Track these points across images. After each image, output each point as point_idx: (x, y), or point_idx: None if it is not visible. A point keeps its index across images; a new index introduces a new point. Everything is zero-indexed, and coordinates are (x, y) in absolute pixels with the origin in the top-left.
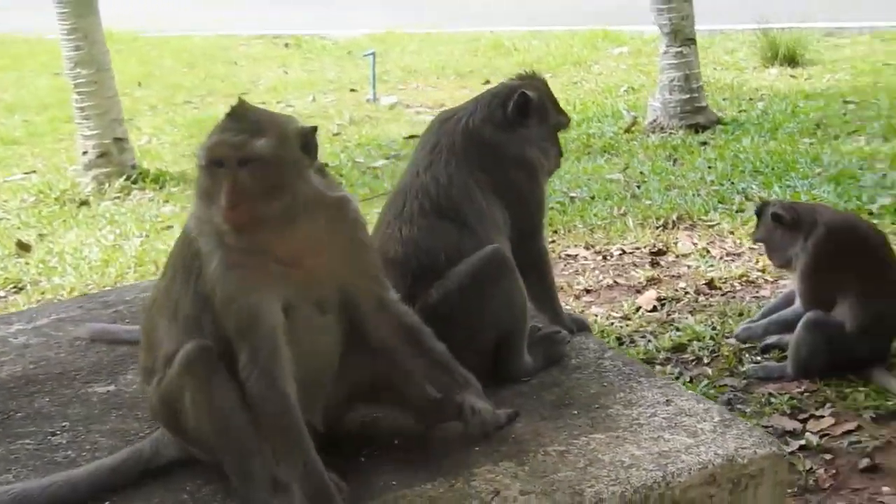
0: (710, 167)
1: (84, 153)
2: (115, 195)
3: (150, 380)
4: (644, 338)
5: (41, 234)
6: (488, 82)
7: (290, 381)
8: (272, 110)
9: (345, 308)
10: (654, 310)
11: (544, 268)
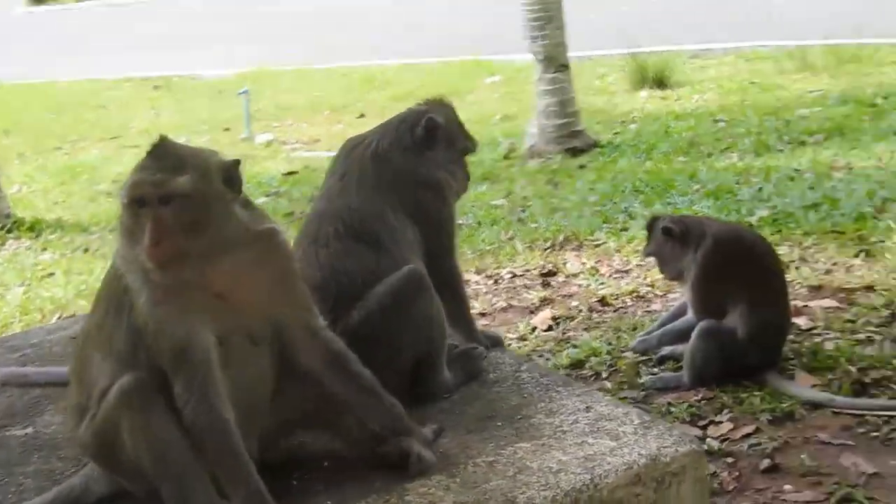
0: (591, 189)
1: None
2: None
3: (83, 416)
4: (542, 356)
5: None
6: (363, 116)
7: (227, 407)
8: (192, 146)
9: (276, 337)
10: (550, 329)
11: (457, 287)
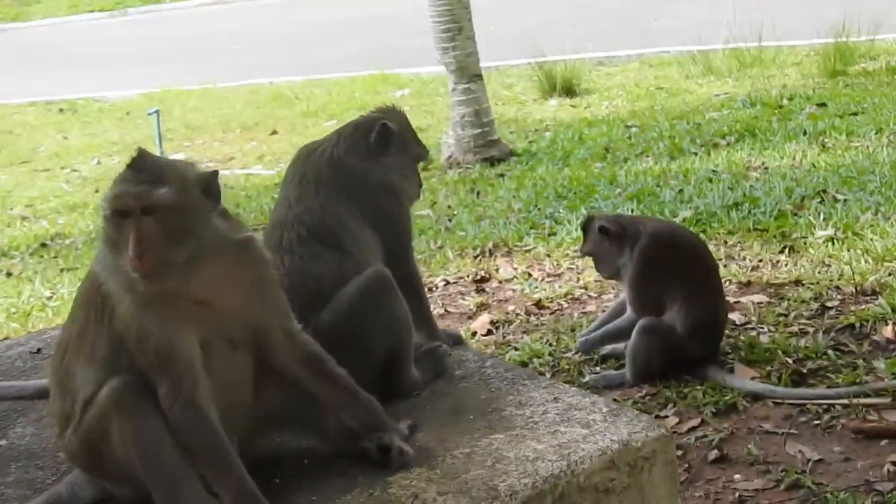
0: (514, 196)
1: None
2: None
3: (67, 424)
4: None
5: None
6: (275, 133)
7: (212, 407)
8: (171, 159)
9: (254, 341)
10: (490, 333)
11: (417, 287)
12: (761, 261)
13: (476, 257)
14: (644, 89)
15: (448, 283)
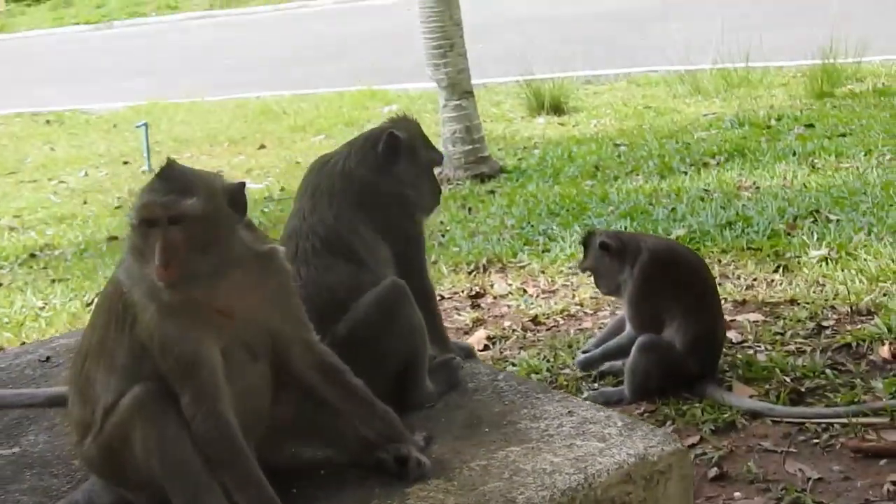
0: (506, 213)
1: None
2: None
3: (87, 432)
4: None
5: None
6: (263, 147)
7: (233, 416)
8: (199, 168)
9: (273, 351)
10: (486, 348)
11: (430, 301)
12: (756, 279)
13: (470, 273)
14: (632, 108)
15: (443, 298)
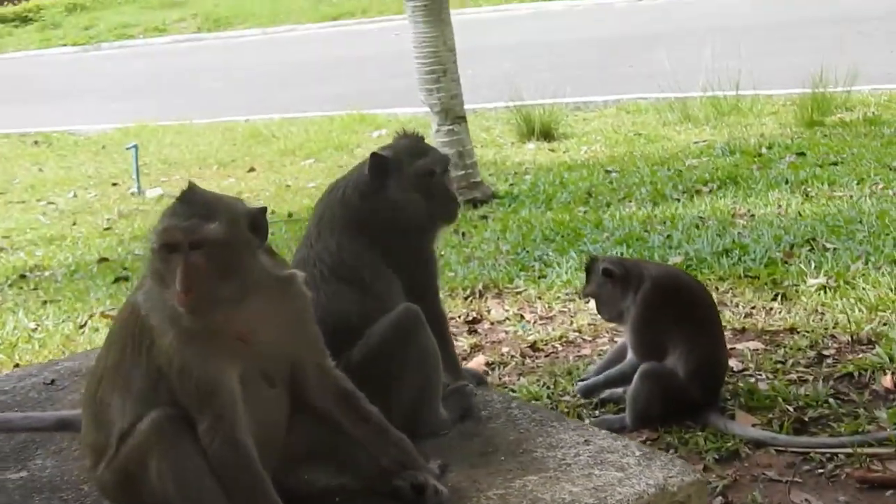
0: (500, 238)
1: None
2: None
3: (100, 458)
4: None
5: None
6: (253, 170)
7: (252, 443)
8: (219, 193)
9: (291, 378)
10: (486, 374)
11: (442, 327)
12: (754, 308)
13: (467, 298)
14: (622, 135)
15: None
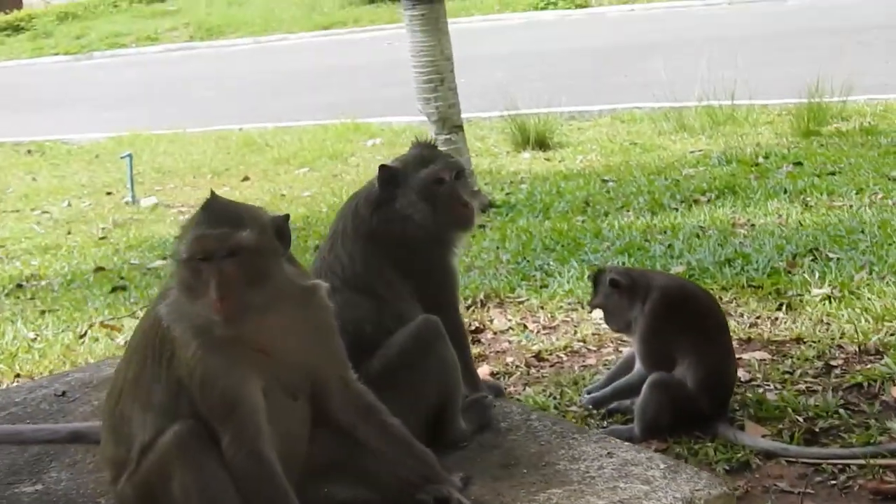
0: (499, 247)
1: None
2: None
3: (121, 472)
4: None
5: None
6: (247, 179)
7: (275, 456)
8: (240, 201)
9: (312, 391)
10: None
11: (461, 339)
12: (759, 317)
13: (469, 307)
14: (617, 144)
15: None
